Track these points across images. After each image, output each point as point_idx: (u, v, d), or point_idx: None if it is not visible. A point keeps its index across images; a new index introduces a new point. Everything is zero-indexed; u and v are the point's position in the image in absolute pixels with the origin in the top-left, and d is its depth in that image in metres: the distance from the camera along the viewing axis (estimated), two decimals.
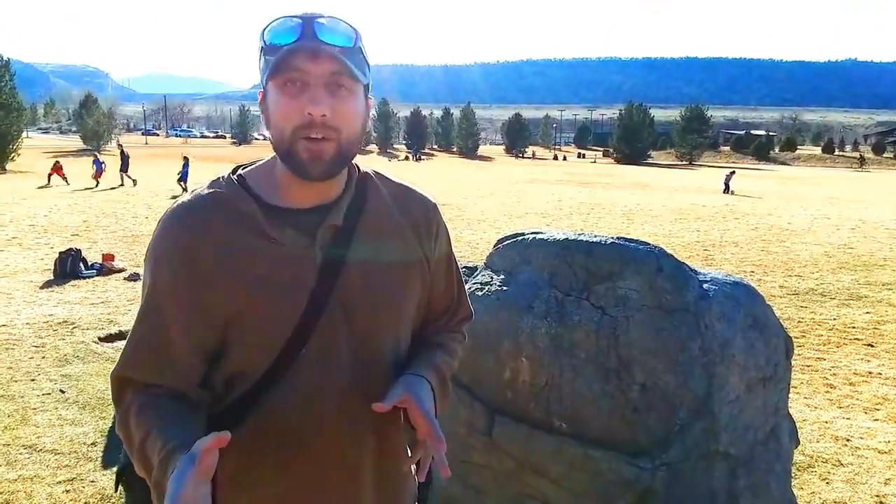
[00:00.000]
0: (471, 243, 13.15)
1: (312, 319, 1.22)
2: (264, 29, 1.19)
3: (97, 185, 23.37)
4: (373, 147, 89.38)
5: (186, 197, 1.27)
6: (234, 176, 1.29)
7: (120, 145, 28.71)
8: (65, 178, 24.37)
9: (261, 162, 1.32)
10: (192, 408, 1.21)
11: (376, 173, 1.39)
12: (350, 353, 1.26)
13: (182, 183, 23.04)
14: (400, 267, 1.32)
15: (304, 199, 1.25)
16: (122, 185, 24.39)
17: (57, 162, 25.29)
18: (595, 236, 3.12)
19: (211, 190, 1.26)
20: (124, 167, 25.33)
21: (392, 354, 1.33)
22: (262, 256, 1.20)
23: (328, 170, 1.20)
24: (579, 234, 3.16)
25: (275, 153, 1.24)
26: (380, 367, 1.30)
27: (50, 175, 24.34)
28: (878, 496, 3.91)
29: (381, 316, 1.29)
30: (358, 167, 1.36)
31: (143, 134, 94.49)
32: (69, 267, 9.80)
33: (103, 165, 24.47)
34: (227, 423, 1.12)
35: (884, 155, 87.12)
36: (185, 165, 23.69)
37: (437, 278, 1.43)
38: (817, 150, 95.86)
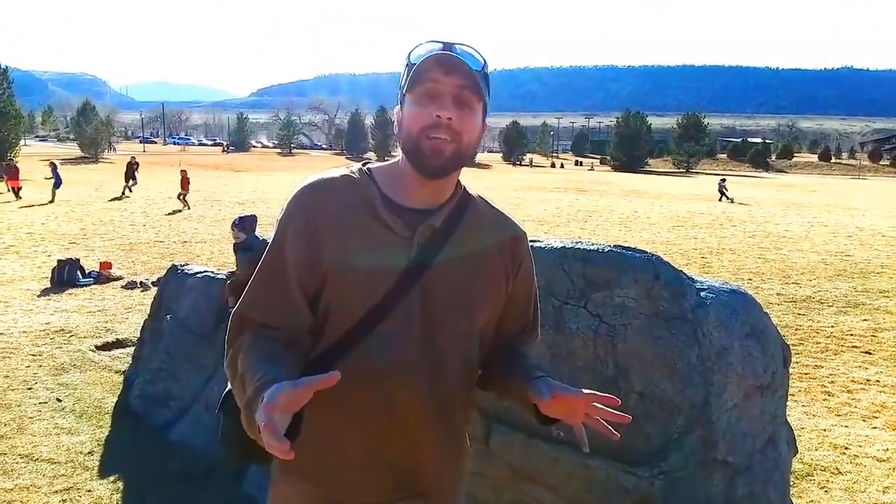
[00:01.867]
0: None
1: (394, 297, 1.41)
2: (410, 51, 1.43)
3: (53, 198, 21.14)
4: (371, 154, 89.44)
5: (321, 174, 1.51)
6: (365, 168, 1.53)
7: (133, 159, 26.88)
8: (16, 192, 21.88)
9: (389, 162, 1.53)
10: (295, 354, 1.39)
11: (480, 196, 1.59)
12: (420, 336, 1.43)
13: (55, 189, 21.51)
14: (478, 279, 1.50)
15: (415, 200, 1.46)
16: (124, 195, 23.83)
17: (13, 166, 23.38)
18: (592, 244, 3.12)
19: (343, 173, 1.50)
20: (130, 178, 24.89)
21: (458, 350, 1.49)
22: (371, 233, 1.42)
23: (445, 166, 1.40)
24: (577, 242, 3.16)
25: (401, 154, 1.45)
26: (444, 356, 1.46)
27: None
28: None
29: (449, 313, 1.46)
30: (465, 187, 1.57)
31: (140, 142, 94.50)
32: (66, 275, 9.79)
33: (60, 182, 22.09)
34: (314, 372, 1.23)
35: (880, 162, 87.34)
36: (55, 170, 21.91)
37: (515, 301, 1.59)
38: (814, 158, 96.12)
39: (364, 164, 1.55)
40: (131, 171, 25.10)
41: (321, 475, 1.47)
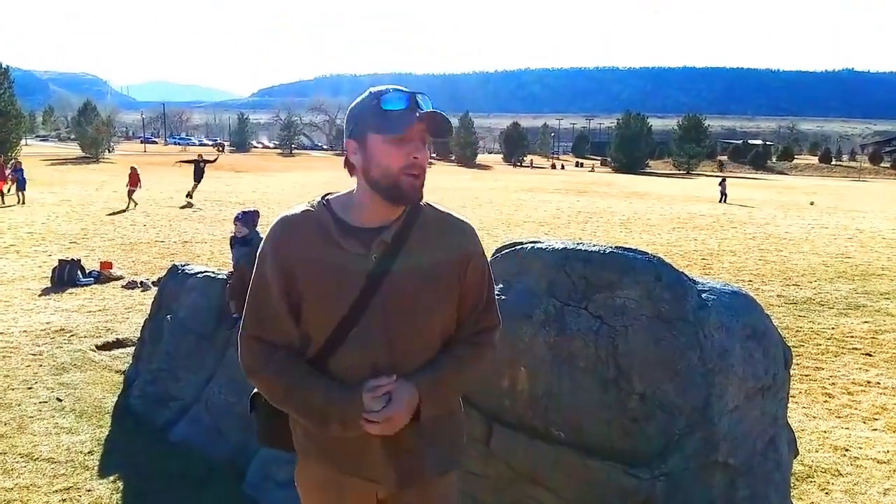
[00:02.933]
0: None
1: (361, 307, 1.69)
2: (379, 95, 1.68)
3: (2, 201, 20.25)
4: None
5: (288, 211, 1.78)
6: (323, 200, 1.79)
7: (201, 156, 24.48)
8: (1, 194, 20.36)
9: (344, 192, 1.81)
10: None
11: (427, 204, 1.80)
12: (384, 338, 1.70)
13: (20, 192, 20.70)
14: (432, 279, 1.73)
15: (369, 220, 1.73)
16: (189, 203, 21.63)
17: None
18: (593, 245, 3.12)
19: (304, 209, 1.77)
20: (198, 177, 22.90)
21: (421, 346, 1.75)
22: (329, 255, 1.69)
23: (418, 196, 1.71)
24: (578, 244, 3.16)
25: (365, 186, 1.72)
26: (409, 354, 1.72)
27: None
28: None
29: (412, 313, 1.71)
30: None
31: (141, 142, 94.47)
32: (67, 275, 9.79)
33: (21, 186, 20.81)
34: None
35: (881, 165, 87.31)
36: (19, 171, 21.10)
37: (470, 291, 1.81)
38: (815, 160, 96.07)
39: (323, 196, 1.81)
40: (199, 169, 23.00)
41: (330, 457, 1.79)
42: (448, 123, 1.71)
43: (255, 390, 1.87)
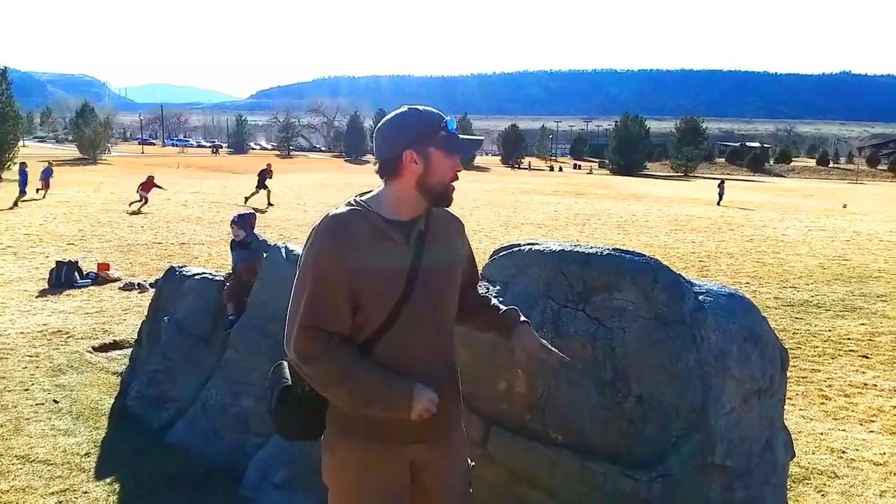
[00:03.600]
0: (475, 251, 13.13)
1: (408, 289, 1.97)
2: (440, 120, 2.01)
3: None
4: (369, 157, 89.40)
5: (335, 210, 2.01)
6: (360, 199, 2.04)
7: (269, 166, 24.29)
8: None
9: (373, 192, 2.07)
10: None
11: (437, 208, 2.15)
12: (431, 313, 2.03)
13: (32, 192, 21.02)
14: (454, 256, 2.14)
15: (405, 214, 2.02)
16: (264, 206, 21.37)
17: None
18: (591, 247, 3.12)
19: (349, 208, 2.00)
20: (262, 185, 22.72)
21: (451, 313, 2.14)
22: (382, 248, 1.95)
23: (450, 202, 2.09)
24: (575, 246, 3.16)
25: (409, 187, 2.00)
26: (446, 321, 2.11)
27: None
28: None
29: (445, 292, 2.09)
30: None
31: (139, 143, 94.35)
32: (64, 276, 9.77)
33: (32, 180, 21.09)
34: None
35: (878, 167, 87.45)
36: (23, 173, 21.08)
37: (470, 268, 2.29)
38: (812, 162, 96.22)
39: (355, 197, 2.06)
40: (264, 177, 22.85)
41: (375, 431, 2.00)
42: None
43: (285, 386, 2.09)
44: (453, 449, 2.18)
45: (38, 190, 22.36)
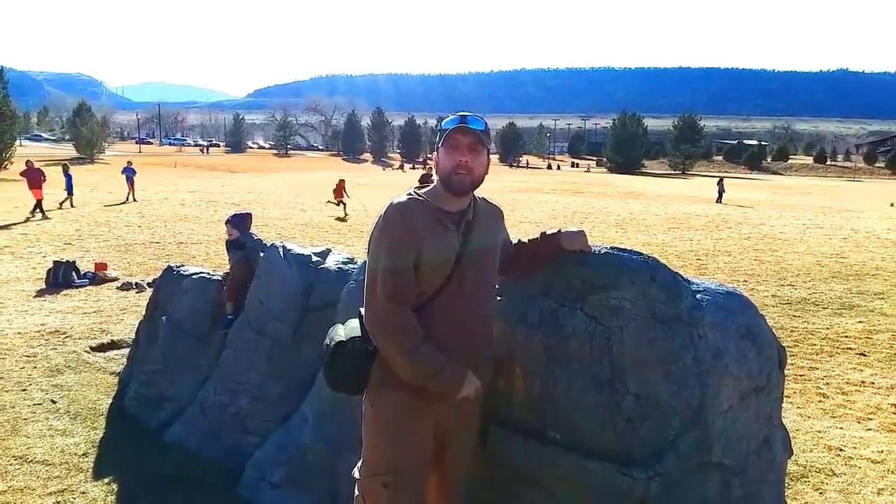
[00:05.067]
0: None
1: (455, 269, 2.39)
2: (443, 120, 2.43)
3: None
4: (367, 156, 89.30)
5: (397, 199, 2.41)
6: (416, 192, 2.45)
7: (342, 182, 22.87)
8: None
9: (428, 188, 2.49)
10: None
11: (479, 196, 2.58)
12: (472, 291, 2.43)
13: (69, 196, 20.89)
14: (494, 244, 2.60)
15: (452, 206, 2.44)
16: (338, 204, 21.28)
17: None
18: None
19: (409, 197, 2.42)
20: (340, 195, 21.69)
21: (490, 291, 2.60)
22: (438, 232, 2.38)
23: (466, 190, 2.42)
24: None
25: (437, 181, 2.46)
26: (487, 291, 2.57)
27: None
28: None
29: (485, 271, 2.52)
30: (474, 194, 2.53)
31: (137, 142, 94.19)
32: (62, 276, 9.76)
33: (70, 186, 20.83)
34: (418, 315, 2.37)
35: (876, 164, 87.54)
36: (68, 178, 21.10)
37: (505, 248, 2.74)
38: (809, 160, 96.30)
39: (415, 189, 2.48)
40: (340, 190, 22.05)
41: (414, 387, 2.35)
42: (473, 126, 2.38)
43: (341, 339, 2.46)
44: (472, 411, 2.59)
45: (129, 195, 22.69)
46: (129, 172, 23.32)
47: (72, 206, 20.48)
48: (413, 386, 2.35)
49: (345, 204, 21.27)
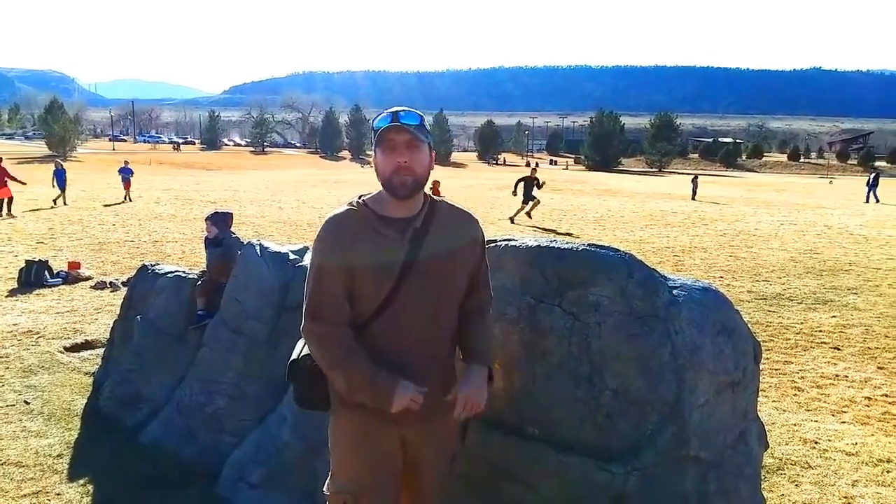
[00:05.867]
0: None
1: (400, 280, 2.17)
2: (374, 119, 2.20)
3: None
4: (345, 154, 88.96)
5: (334, 211, 2.25)
6: (360, 199, 2.26)
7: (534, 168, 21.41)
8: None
9: (375, 192, 2.27)
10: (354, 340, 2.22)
11: (441, 200, 2.36)
12: (424, 305, 2.21)
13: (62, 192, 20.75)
14: (454, 255, 2.27)
15: (400, 212, 2.21)
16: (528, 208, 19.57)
17: None
18: (567, 243, 3.13)
19: (347, 208, 2.24)
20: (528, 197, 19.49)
21: (447, 311, 2.30)
22: (375, 243, 2.17)
23: (409, 192, 2.17)
24: (551, 241, 3.17)
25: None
26: (438, 318, 2.28)
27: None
28: (846, 497, 3.98)
29: (440, 283, 2.24)
30: (431, 197, 2.31)
31: (110, 140, 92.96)
32: (34, 275, 9.61)
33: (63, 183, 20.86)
34: (359, 336, 2.20)
35: (848, 162, 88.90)
36: (59, 173, 20.97)
37: (476, 268, 2.38)
38: (783, 158, 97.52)
39: (359, 197, 2.27)
40: (531, 186, 19.58)
41: (364, 406, 2.21)
42: (407, 122, 2.15)
43: (294, 358, 2.35)
44: (441, 434, 2.40)
45: (126, 196, 22.30)
46: (125, 173, 22.90)
47: (64, 203, 20.17)
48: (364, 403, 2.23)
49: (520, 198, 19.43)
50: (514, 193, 20.10)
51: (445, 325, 2.31)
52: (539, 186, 19.73)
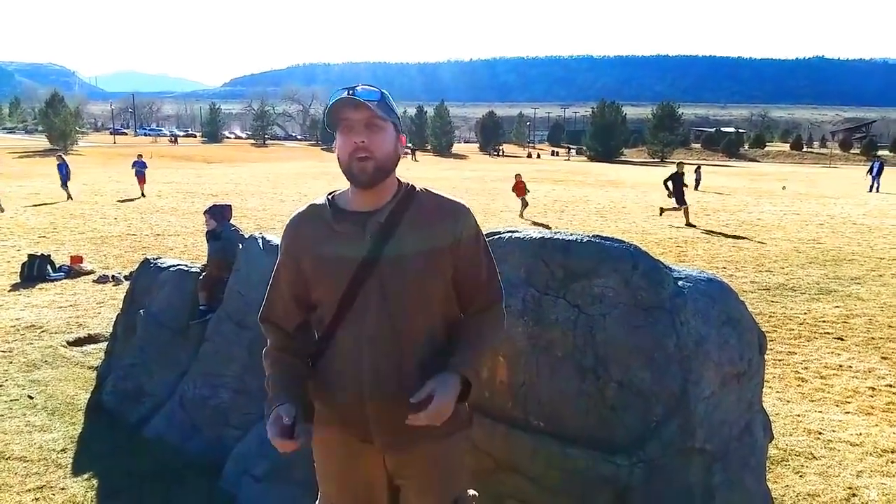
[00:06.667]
0: None
1: (357, 284, 1.88)
2: (328, 99, 1.87)
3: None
4: None
5: (299, 208, 2.03)
6: (329, 194, 2.01)
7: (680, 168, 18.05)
8: None
9: (344, 189, 2.00)
10: (294, 357, 2.04)
11: (425, 189, 2.00)
12: (384, 311, 1.88)
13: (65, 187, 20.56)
14: (427, 255, 1.89)
15: (362, 205, 1.92)
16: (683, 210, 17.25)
17: None
18: (571, 234, 3.11)
19: (309, 205, 2.01)
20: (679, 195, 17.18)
21: (417, 315, 1.90)
22: (327, 241, 1.91)
23: (372, 179, 1.87)
24: (556, 233, 3.15)
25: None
26: (408, 322, 1.90)
27: None
28: (850, 488, 3.97)
29: (406, 290, 1.88)
30: (407, 185, 1.98)
31: (111, 133, 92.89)
32: (36, 270, 9.60)
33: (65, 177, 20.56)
34: (321, 345, 1.99)
35: (851, 151, 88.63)
36: (61, 168, 20.80)
37: (464, 270, 1.96)
38: (786, 147, 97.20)
39: (331, 192, 2.03)
40: (679, 182, 17.45)
41: (323, 418, 2.00)
42: (365, 98, 1.83)
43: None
44: (427, 466, 2.01)
45: (141, 192, 21.95)
46: (139, 166, 22.59)
47: (69, 198, 19.98)
48: (338, 421, 1.98)
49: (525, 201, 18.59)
50: (669, 196, 17.68)
51: (414, 336, 1.91)
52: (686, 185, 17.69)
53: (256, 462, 3.87)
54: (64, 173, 20.53)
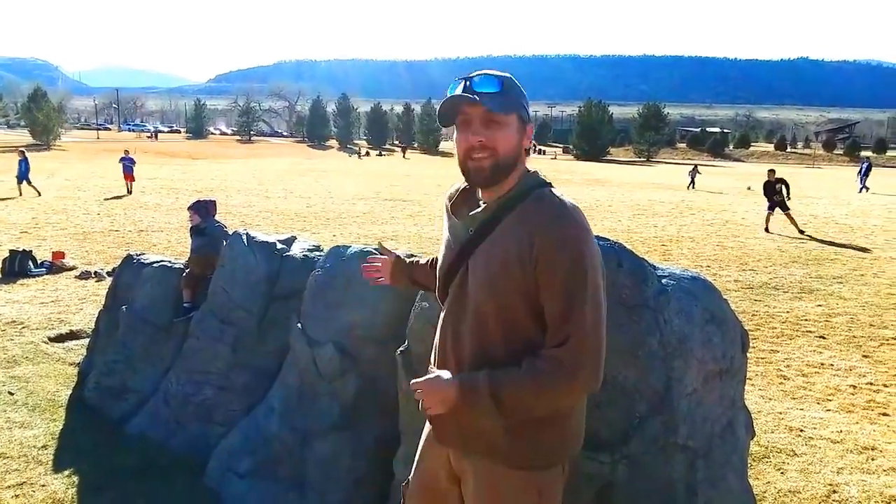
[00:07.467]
0: (432, 239, 13.14)
1: (453, 266, 1.87)
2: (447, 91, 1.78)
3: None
4: (333, 142, 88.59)
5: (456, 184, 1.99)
6: (462, 183, 1.94)
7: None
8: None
9: None
10: (429, 272, 2.24)
11: (540, 196, 1.79)
12: (456, 316, 1.86)
13: (26, 184, 19.85)
14: (502, 264, 1.75)
15: (484, 198, 1.85)
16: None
17: None
18: None
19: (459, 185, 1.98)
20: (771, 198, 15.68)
21: (482, 329, 1.80)
22: (448, 223, 1.95)
23: (487, 179, 1.79)
24: None
25: None
26: (462, 336, 1.85)
27: None
28: (830, 484, 4.01)
29: (478, 283, 1.79)
30: (528, 181, 1.83)
31: (95, 129, 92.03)
32: (18, 265, 9.51)
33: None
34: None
35: (834, 151, 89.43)
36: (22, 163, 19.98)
37: (542, 292, 1.73)
38: (770, 147, 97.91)
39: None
40: (772, 189, 16.00)
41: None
42: (483, 90, 1.72)
43: None
44: (480, 479, 1.90)
45: (128, 188, 21.56)
46: (127, 162, 22.30)
47: (38, 193, 19.56)
48: None
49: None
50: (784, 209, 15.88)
51: (465, 351, 1.84)
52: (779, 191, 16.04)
53: (240, 459, 3.85)
54: (24, 169, 19.74)
